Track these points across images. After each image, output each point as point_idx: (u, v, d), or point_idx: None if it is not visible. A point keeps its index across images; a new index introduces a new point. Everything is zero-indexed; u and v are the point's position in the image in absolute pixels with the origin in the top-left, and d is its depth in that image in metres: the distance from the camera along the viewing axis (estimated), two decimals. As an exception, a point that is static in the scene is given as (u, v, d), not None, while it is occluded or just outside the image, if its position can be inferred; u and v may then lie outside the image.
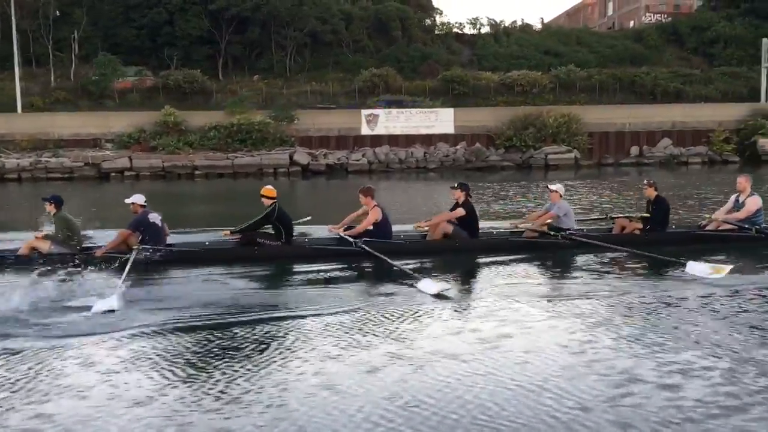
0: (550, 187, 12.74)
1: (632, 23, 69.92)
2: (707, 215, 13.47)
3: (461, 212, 11.96)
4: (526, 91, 53.41)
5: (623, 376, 5.95)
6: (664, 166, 44.87)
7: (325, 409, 5.35)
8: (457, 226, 11.94)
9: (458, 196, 12.08)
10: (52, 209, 11.30)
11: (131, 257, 10.04)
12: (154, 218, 11.24)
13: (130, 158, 40.62)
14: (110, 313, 7.93)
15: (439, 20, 66.51)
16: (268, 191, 11.67)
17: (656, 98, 53.42)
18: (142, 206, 11.26)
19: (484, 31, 65.81)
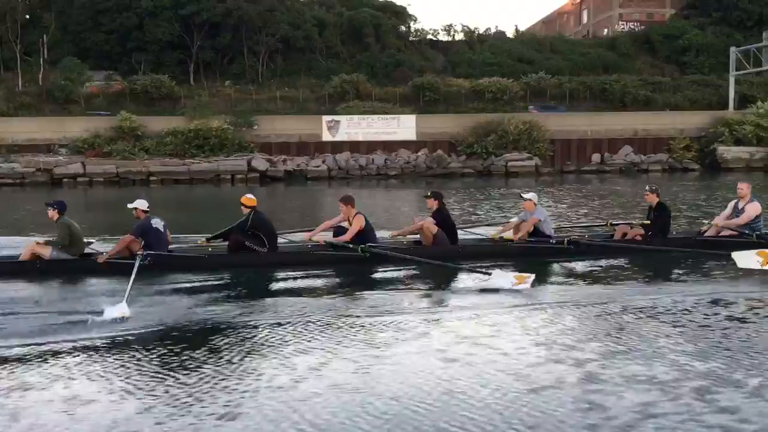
0: (523, 196, 12.43)
1: (606, 31, 70.02)
2: (705, 221, 13.28)
3: (431, 220, 11.93)
4: (497, 98, 53.48)
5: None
6: (624, 173, 44.96)
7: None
8: (440, 229, 11.85)
9: (431, 204, 12.08)
10: (54, 215, 11.02)
11: (136, 263, 9.80)
12: (156, 224, 11.02)
13: (83, 164, 40.48)
14: (122, 320, 7.84)
15: (413, 27, 66.60)
16: (246, 200, 11.47)
17: (626, 106, 53.49)
18: (144, 212, 11.05)
19: (458, 38, 65.97)
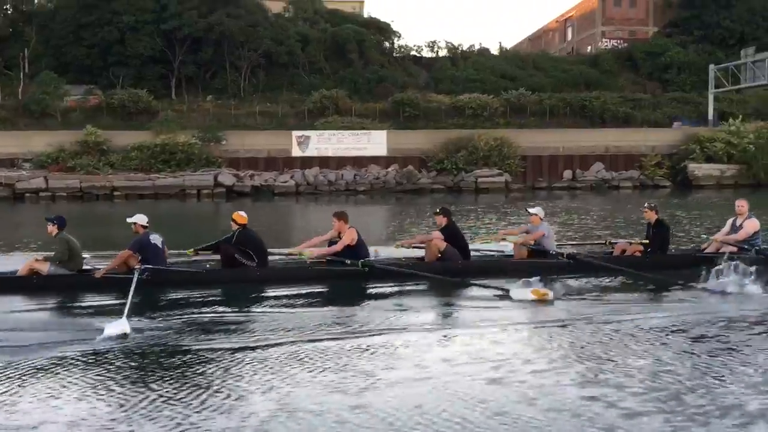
0: (529, 210, 12.67)
1: (590, 48, 69.99)
2: (705, 235, 13.41)
3: (439, 235, 12.10)
4: (477, 114, 53.35)
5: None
6: (594, 190, 44.75)
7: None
8: (449, 245, 12.00)
9: (440, 221, 12.24)
10: (54, 230, 10.97)
11: (134, 278, 9.78)
12: (154, 239, 11.01)
13: (45, 178, 40.26)
14: (123, 336, 7.80)
15: (397, 43, 66.66)
16: (237, 216, 11.58)
17: (605, 122, 53.31)
18: (143, 227, 11.04)
19: (442, 54, 65.98)
